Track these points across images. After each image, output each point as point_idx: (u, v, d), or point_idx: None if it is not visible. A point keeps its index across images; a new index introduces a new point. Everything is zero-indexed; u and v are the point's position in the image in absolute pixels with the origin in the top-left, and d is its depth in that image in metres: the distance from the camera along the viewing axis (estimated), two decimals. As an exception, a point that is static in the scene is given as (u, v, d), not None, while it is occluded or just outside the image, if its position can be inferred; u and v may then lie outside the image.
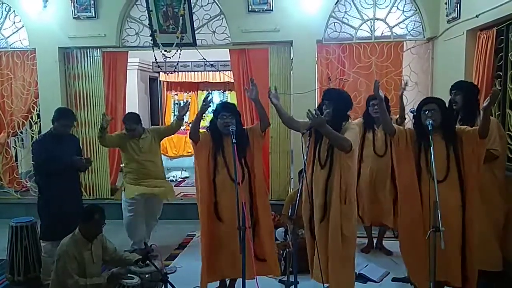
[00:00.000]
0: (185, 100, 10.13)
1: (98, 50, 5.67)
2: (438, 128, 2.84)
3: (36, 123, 5.77)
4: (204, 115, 3.29)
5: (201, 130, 3.23)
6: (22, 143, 6.20)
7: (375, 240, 4.40)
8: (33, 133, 5.84)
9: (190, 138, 3.16)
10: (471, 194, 2.88)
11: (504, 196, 3.39)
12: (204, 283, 3.17)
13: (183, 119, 4.48)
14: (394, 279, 3.67)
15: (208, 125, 3.27)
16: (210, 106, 3.16)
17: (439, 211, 2.51)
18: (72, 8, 5.44)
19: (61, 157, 3.59)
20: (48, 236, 3.63)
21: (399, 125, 3.78)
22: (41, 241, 3.72)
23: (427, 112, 2.88)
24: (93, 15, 5.44)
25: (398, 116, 4.15)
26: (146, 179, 4.33)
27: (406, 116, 4.11)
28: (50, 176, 3.60)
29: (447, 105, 3.43)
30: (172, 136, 8.63)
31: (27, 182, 5.99)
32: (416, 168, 2.97)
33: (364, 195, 4.14)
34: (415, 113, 3.10)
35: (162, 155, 8.47)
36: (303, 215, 3.16)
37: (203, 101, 3.15)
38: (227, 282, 3.42)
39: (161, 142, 8.66)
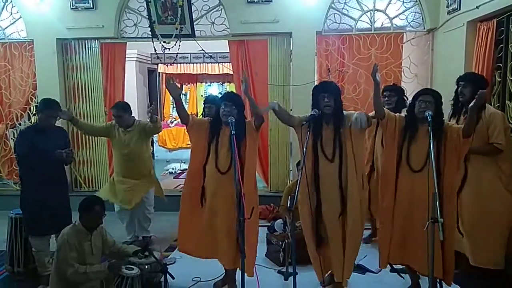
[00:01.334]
0: (183, 93, 10.08)
1: (96, 41, 5.64)
2: (427, 120, 2.84)
3: (34, 115, 5.74)
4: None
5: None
6: (20, 135, 6.18)
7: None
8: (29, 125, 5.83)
9: (180, 121, 3.23)
10: (449, 188, 2.91)
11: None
12: (181, 248, 3.36)
13: (156, 120, 4.14)
14: (392, 270, 3.69)
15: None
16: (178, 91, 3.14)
17: (437, 202, 2.52)
18: (70, -1, 5.40)
19: (45, 150, 3.41)
20: (34, 232, 3.53)
21: None
22: (28, 236, 3.61)
23: (422, 103, 2.91)
24: (91, 6, 5.40)
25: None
26: (129, 177, 4.20)
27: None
28: (32, 169, 3.46)
29: (452, 97, 3.46)
30: (171, 128, 8.70)
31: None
32: (396, 156, 3.01)
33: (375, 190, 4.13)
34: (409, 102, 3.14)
35: (161, 147, 8.60)
36: (301, 209, 3.13)
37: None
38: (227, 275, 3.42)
39: (161, 134, 8.67)
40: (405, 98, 4.07)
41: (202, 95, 10.53)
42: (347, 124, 3.03)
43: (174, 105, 3.25)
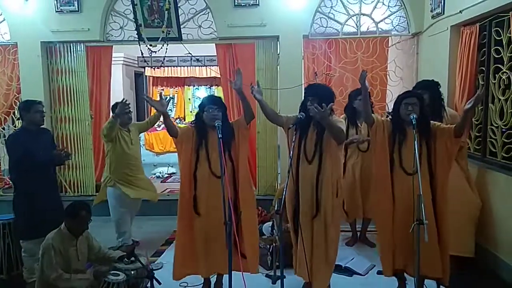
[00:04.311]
0: (171, 96, 10.08)
1: (82, 44, 5.58)
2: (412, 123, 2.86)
3: (18, 119, 5.65)
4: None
5: (183, 125, 3.22)
6: (5, 140, 6.07)
7: (358, 234, 4.46)
8: (15, 129, 5.73)
9: (169, 134, 3.16)
10: (442, 188, 2.95)
11: (473, 187, 3.63)
12: (177, 275, 3.18)
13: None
14: (379, 272, 3.71)
15: (193, 119, 3.27)
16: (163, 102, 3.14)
17: (423, 204, 2.56)
18: (55, 2, 5.33)
19: (38, 152, 3.44)
20: (29, 235, 3.50)
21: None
22: (20, 240, 3.59)
23: (407, 105, 2.92)
24: (76, 9, 5.34)
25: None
26: (136, 174, 4.35)
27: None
28: (27, 173, 3.44)
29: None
30: (158, 132, 8.66)
31: (10, 179, 5.88)
32: (389, 160, 3.02)
33: (349, 191, 4.18)
34: (390, 114, 3.19)
35: (148, 151, 8.56)
36: (287, 211, 3.16)
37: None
38: (211, 280, 3.39)
39: (148, 138, 8.72)
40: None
41: (189, 99, 10.50)
42: None
43: (163, 120, 3.18)
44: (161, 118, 4.55)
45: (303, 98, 3.21)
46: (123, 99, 4.19)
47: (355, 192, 4.18)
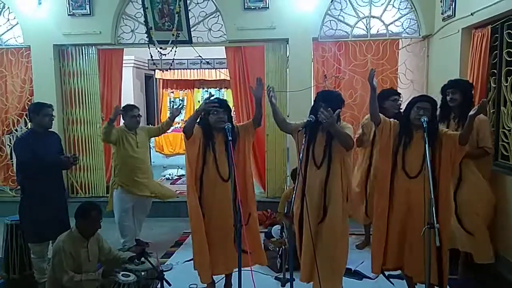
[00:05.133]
0: (181, 99, 10.14)
1: (93, 47, 5.65)
2: (422, 126, 2.84)
3: (31, 120, 5.73)
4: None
5: None
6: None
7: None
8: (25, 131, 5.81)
9: (183, 132, 3.13)
10: (444, 194, 2.92)
11: (492, 191, 3.56)
12: (205, 276, 3.16)
13: (174, 120, 4.66)
14: (389, 276, 3.69)
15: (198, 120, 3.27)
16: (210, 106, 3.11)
17: (433, 208, 2.54)
18: (67, 5, 5.41)
19: (46, 155, 3.43)
20: (36, 239, 3.49)
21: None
22: (28, 243, 3.58)
23: (420, 109, 2.90)
24: (88, 12, 5.42)
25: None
26: (143, 178, 4.33)
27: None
28: (35, 174, 3.41)
29: (439, 104, 3.54)
30: (168, 134, 8.71)
31: (16, 181, 5.96)
32: (391, 162, 3.01)
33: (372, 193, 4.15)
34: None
35: (158, 153, 8.62)
36: (294, 215, 3.12)
37: (205, 100, 3.08)
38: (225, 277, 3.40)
39: (158, 140, 8.77)
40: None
41: (199, 101, 10.55)
42: None
43: (194, 115, 3.15)
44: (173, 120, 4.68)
45: (313, 101, 3.19)
46: (116, 105, 4.24)
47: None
